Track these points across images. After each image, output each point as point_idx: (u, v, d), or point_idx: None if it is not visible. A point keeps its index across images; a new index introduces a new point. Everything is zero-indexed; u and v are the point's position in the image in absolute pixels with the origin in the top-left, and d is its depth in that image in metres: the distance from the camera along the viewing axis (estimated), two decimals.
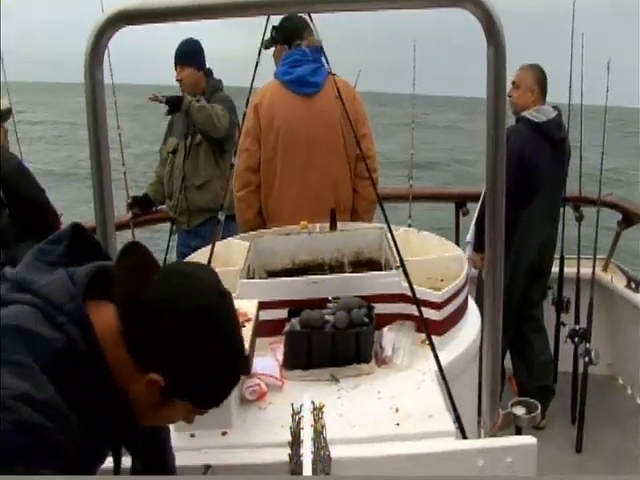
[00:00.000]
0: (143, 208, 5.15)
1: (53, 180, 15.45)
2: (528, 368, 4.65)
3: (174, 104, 4.63)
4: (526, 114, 4.40)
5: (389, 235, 3.21)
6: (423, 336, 2.70)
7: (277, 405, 2.35)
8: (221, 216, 3.17)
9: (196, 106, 4.62)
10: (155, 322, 1.33)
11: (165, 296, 1.35)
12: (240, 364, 1.47)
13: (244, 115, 3.62)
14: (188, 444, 2.16)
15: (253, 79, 3.19)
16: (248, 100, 3.57)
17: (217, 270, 2.94)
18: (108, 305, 1.36)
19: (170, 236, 5.06)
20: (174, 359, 1.33)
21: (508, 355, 4.62)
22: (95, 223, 2.06)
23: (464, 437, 2.21)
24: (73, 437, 1.28)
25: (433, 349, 2.42)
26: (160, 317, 1.33)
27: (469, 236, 4.62)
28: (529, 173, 4.28)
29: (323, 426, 1.97)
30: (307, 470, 1.74)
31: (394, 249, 2.76)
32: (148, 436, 1.78)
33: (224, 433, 2.21)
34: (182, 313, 1.33)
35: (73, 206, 9.70)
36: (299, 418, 1.99)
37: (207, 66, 4.96)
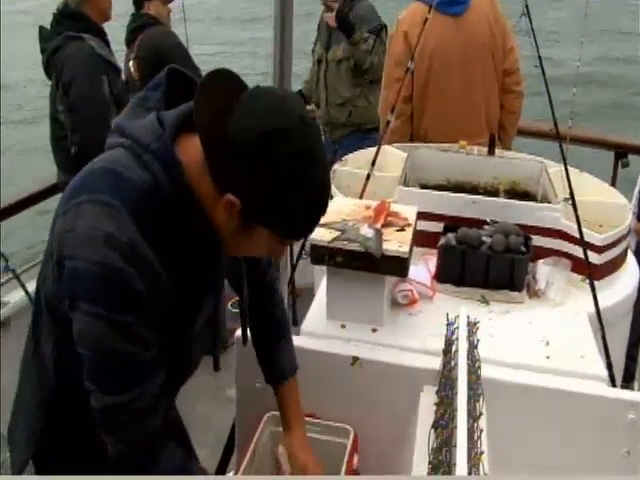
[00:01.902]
0: None
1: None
2: None
3: (344, 25, 4.52)
4: None
5: (550, 170, 3.11)
6: (577, 276, 2.62)
7: (427, 314, 2.32)
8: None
9: (362, 48, 4.51)
10: (230, 142, 1.28)
11: (244, 117, 1.29)
12: (322, 197, 1.38)
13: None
14: (338, 333, 2.18)
15: None
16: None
17: (375, 174, 2.98)
18: (196, 138, 1.34)
19: None
20: (247, 178, 1.29)
21: None
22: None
23: (613, 385, 2.14)
24: (155, 284, 1.31)
25: (593, 290, 2.34)
26: (235, 137, 1.28)
27: (632, 205, 4.38)
28: None
29: (478, 340, 1.94)
30: (462, 380, 1.71)
31: (566, 184, 2.65)
32: (254, 282, 1.78)
33: (374, 330, 2.21)
34: (258, 133, 1.28)
35: None
36: (454, 329, 1.96)
37: None
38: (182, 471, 1.43)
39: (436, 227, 2.67)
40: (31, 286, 2.93)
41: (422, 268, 2.51)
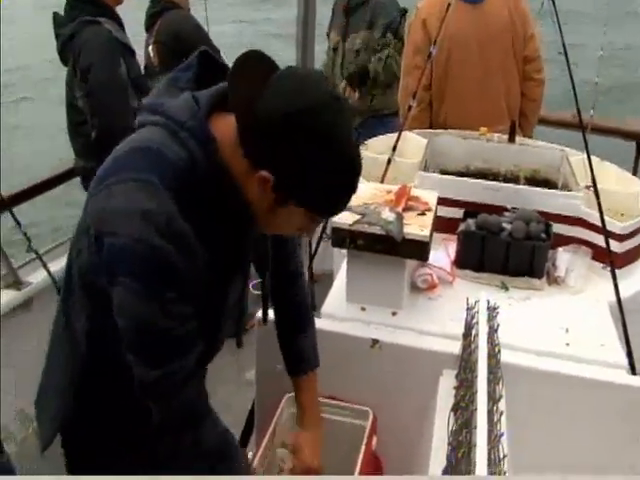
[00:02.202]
0: None
1: None
2: None
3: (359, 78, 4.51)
4: None
5: (571, 158, 3.10)
6: (597, 265, 2.61)
7: (447, 299, 2.33)
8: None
9: (381, 74, 4.44)
10: (262, 120, 1.29)
11: (274, 96, 1.30)
12: (355, 171, 1.38)
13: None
14: (358, 316, 2.19)
15: None
16: None
17: (396, 160, 2.98)
18: (230, 116, 1.36)
19: None
20: (279, 155, 1.31)
21: None
22: None
23: (633, 373, 2.13)
24: (192, 260, 1.32)
25: (614, 278, 2.33)
26: (265, 115, 1.29)
27: None
28: None
29: (498, 325, 1.94)
30: (482, 363, 1.72)
31: (587, 172, 2.63)
32: (279, 265, 1.78)
33: (394, 313, 2.22)
34: (286, 112, 1.29)
35: None
36: (474, 313, 1.97)
37: None
38: (223, 440, 1.45)
39: (456, 213, 2.67)
40: (53, 267, 2.96)
41: (442, 253, 2.51)
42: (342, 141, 1.34)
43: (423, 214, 2.29)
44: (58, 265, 3.06)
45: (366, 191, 2.38)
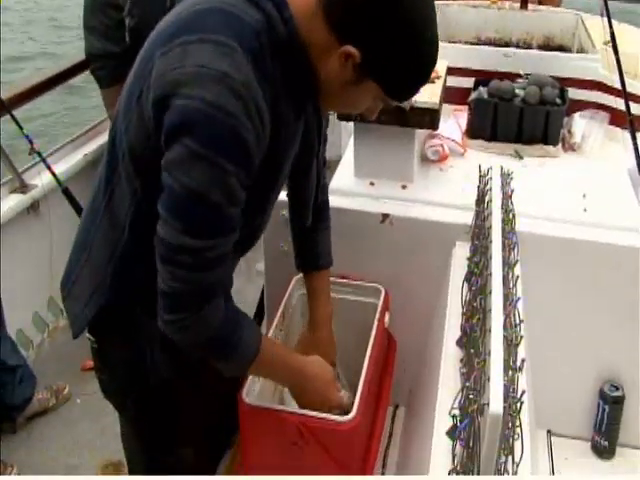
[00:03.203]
0: None
1: None
2: None
3: None
4: None
5: (587, 21, 2.94)
6: (616, 130, 2.49)
7: (458, 169, 2.23)
8: None
9: None
10: None
11: None
12: (432, 62, 1.32)
13: None
14: (367, 191, 2.10)
15: None
16: None
17: None
18: None
19: None
20: (372, 31, 1.21)
21: None
22: None
23: None
24: (261, 135, 1.22)
25: (634, 140, 2.21)
26: None
27: None
28: None
29: (512, 190, 1.85)
30: (496, 228, 1.63)
31: (605, 34, 2.48)
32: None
33: (404, 187, 2.13)
34: None
35: None
36: (488, 179, 1.87)
37: None
38: (232, 319, 1.38)
39: (466, 83, 2.55)
40: (58, 169, 2.89)
41: (452, 125, 2.40)
42: (428, 25, 1.26)
43: (432, 82, 2.17)
44: (63, 167, 3.00)
45: None
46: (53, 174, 2.80)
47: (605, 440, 2.03)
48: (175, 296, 1.28)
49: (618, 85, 2.36)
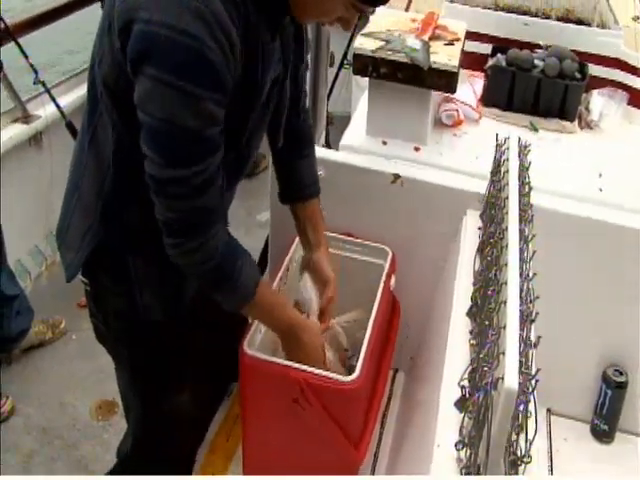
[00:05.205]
0: None
1: None
2: None
3: None
4: None
5: None
6: (634, 111, 2.45)
7: (473, 136, 2.19)
8: None
9: None
10: None
11: None
12: None
13: None
14: (379, 150, 2.05)
15: None
16: None
17: None
18: None
19: None
20: None
21: None
22: None
23: None
24: (229, 55, 1.17)
25: None
26: None
27: None
28: None
29: (530, 162, 1.81)
30: (513, 199, 1.59)
31: (628, 9, 2.43)
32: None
33: (417, 149, 2.08)
34: None
35: None
36: (505, 149, 1.82)
37: None
38: (230, 249, 1.36)
39: (484, 49, 2.49)
40: (62, 101, 2.80)
41: (468, 89, 2.34)
42: None
43: (451, 44, 2.12)
44: (68, 99, 2.91)
45: (388, 17, 2.18)
46: (57, 106, 2.72)
47: (605, 424, 2.03)
48: (172, 224, 1.28)
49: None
